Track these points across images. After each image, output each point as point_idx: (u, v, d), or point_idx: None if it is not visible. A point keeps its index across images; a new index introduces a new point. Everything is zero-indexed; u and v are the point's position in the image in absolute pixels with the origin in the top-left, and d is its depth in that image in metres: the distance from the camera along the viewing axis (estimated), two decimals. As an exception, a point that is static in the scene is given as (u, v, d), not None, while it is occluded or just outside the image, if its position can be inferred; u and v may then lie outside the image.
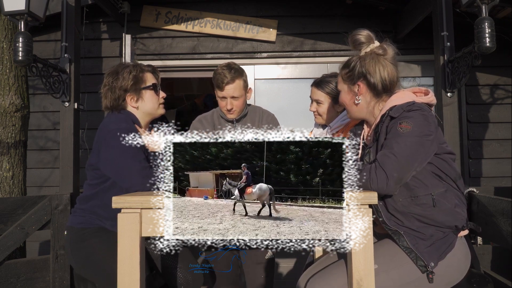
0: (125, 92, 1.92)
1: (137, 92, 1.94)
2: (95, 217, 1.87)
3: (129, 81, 1.91)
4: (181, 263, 1.94)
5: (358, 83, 1.63)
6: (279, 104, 4.09)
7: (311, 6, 4.11)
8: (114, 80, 1.92)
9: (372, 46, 1.63)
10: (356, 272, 1.29)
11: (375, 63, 1.60)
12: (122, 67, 1.96)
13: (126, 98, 1.93)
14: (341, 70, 1.71)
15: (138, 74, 1.94)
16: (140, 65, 1.99)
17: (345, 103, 1.72)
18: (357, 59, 1.64)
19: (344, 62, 1.71)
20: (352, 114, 1.72)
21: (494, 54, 2.51)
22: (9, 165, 3.08)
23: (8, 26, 3.13)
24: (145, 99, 1.96)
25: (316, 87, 2.25)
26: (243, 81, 2.29)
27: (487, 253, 2.45)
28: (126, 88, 1.91)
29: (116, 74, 1.93)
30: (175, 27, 4.13)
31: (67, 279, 2.61)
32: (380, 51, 1.62)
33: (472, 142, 4.01)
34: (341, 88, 1.72)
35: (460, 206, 1.56)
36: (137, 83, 1.93)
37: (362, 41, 1.64)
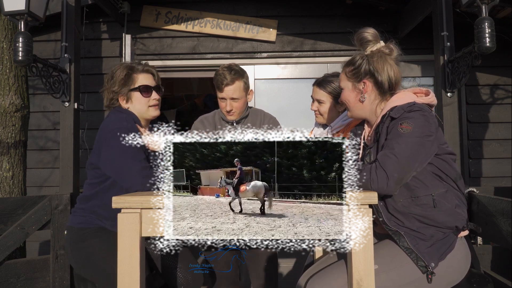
0: (117, 94, 1.94)
1: (126, 94, 1.95)
2: (95, 217, 1.87)
3: (117, 83, 1.93)
4: (181, 263, 1.94)
5: (364, 80, 1.63)
6: (279, 104, 4.09)
7: (311, 6, 4.11)
8: (108, 81, 1.96)
9: (378, 45, 1.63)
10: (356, 272, 1.29)
11: (384, 62, 1.60)
12: (117, 68, 1.98)
13: (119, 98, 1.95)
14: (345, 68, 1.69)
15: (126, 76, 1.94)
16: (133, 66, 1.99)
17: (348, 101, 1.70)
18: (363, 56, 1.63)
19: (347, 60, 1.70)
20: (354, 112, 1.70)
21: (494, 54, 2.51)
22: (9, 165, 3.08)
23: (8, 26, 3.13)
24: (133, 100, 1.96)
25: (317, 86, 2.25)
26: (243, 83, 2.29)
27: (487, 253, 2.45)
28: (115, 89, 1.94)
29: (111, 75, 1.97)
30: (175, 27, 4.13)
31: (67, 279, 2.61)
32: (387, 50, 1.63)
33: (472, 142, 4.01)
34: (344, 85, 1.70)
35: (461, 207, 1.56)
36: (126, 85, 1.94)
37: (369, 39, 1.64)
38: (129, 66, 1.98)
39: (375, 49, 1.63)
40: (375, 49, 1.63)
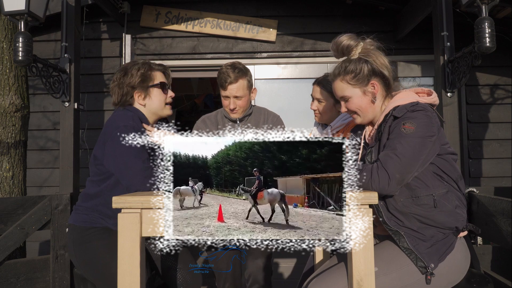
0: (133, 89, 1.95)
1: (145, 89, 1.96)
2: (99, 216, 1.86)
3: (136, 78, 1.94)
4: (181, 263, 1.93)
5: (372, 82, 1.61)
6: (279, 104, 4.09)
7: (311, 6, 4.11)
8: (123, 76, 1.95)
9: (361, 45, 1.61)
10: (356, 272, 1.29)
11: (378, 57, 1.60)
12: (132, 64, 1.99)
13: (134, 95, 1.96)
14: (342, 77, 1.63)
15: (147, 72, 1.96)
16: (150, 63, 2.01)
17: (360, 108, 1.64)
18: (357, 60, 1.61)
19: (338, 70, 1.64)
20: (367, 117, 1.65)
21: (494, 54, 2.51)
22: (9, 165, 3.08)
23: (8, 26, 3.13)
24: (152, 96, 1.98)
25: (317, 86, 2.25)
26: (247, 81, 2.29)
27: (487, 253, 2.45)
28: (133, 85, 1.94)
29: (125, 71, 1.96)
30: (175, 27, 4.13)
31: (67, 279, 2.61)
32: (372, 46, 1.61)
33: (472, 142, 4.01)
34: (351, 93, 1.63)
35: (461, 207, 1.55)
36: (145, 81, 1.96)
37: (351, 44, 1.61)
38: (148, 63, 2.01)
39: (360, 50, 1.61)
40: (361, 50, 1.61)
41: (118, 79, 1.96)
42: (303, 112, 3.45)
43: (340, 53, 1.65)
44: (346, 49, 1.62)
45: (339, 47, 1.63)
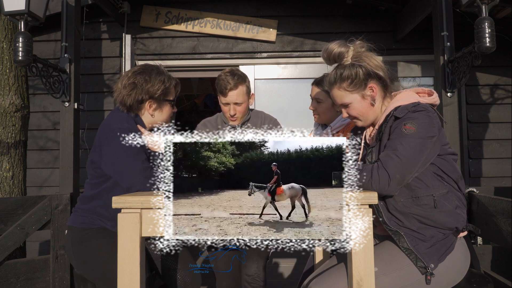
0: (150, 98, 1.91)
1: (159, 102, 1.94)
2: (97, 217, 1.87)
3: (159, 90, 1.90)
4: (181, 263, 1.93)
5: (370, 85, 1.60)
6: (279, 104, 4.09)
7: (311, 6, 4.11)
8: (145, 82, 1.89)
9: (352, 49, 1.61)
10: (356, 272, 1.29)
11: (370, 59, 1.60)
12: (156, 73, 1.93)
13: (146, 103, 1.92)
14: (339, 84, 1.62)
15: (169, 87, 1.95)
16: (172, 78, 1.99)
17: (361, 113, 1.63)
18: (351, 65, 1.60)
19: (334, 78, 1.63)
20: (368, 120, 1.65)
21: (494, 54, 2.51)
22: (9, 165, 3.08)
23: (8, 26, 3.13)
24: (163, 110, 1.97)
25: (316, 86, 2.25)
26: (246, 87, 2.31)
27: (487, 253, 2.45)
28: (152, 94, 1.90)
29: (148, 76, 1.90)
30: (175, 27, 4.13)
31: (67, 279, 2.62)
32: (363, 48, 1.61)
33: (472, 142, 4.01)
34: (351, 99, 1.62)
35: (461, 208, 1.55)
36: (165, 95, 1.95)
37: (342, 51, 1.60)
38: (172, 77, 1.99)
39: (352, 54, 1.60)
40: (353, 54, 1.60)
41: (140, 83, 1.88)
42: (303, 112, 3.44)
43: (332, 60, 1.64)
44: (338, 57, 1.62)
45: (331, 56, 1.62)
